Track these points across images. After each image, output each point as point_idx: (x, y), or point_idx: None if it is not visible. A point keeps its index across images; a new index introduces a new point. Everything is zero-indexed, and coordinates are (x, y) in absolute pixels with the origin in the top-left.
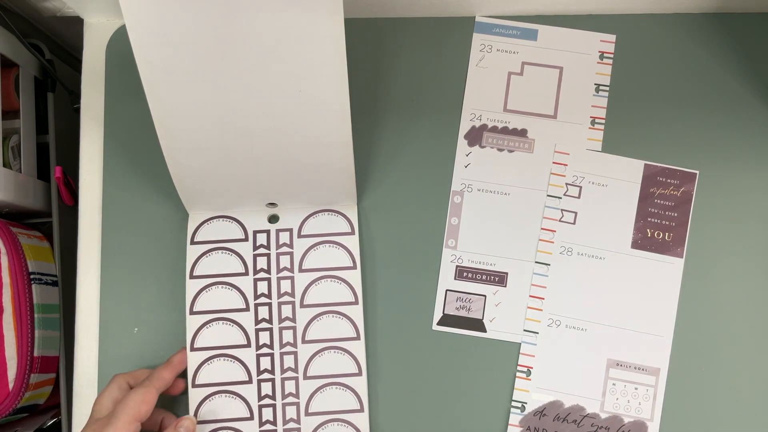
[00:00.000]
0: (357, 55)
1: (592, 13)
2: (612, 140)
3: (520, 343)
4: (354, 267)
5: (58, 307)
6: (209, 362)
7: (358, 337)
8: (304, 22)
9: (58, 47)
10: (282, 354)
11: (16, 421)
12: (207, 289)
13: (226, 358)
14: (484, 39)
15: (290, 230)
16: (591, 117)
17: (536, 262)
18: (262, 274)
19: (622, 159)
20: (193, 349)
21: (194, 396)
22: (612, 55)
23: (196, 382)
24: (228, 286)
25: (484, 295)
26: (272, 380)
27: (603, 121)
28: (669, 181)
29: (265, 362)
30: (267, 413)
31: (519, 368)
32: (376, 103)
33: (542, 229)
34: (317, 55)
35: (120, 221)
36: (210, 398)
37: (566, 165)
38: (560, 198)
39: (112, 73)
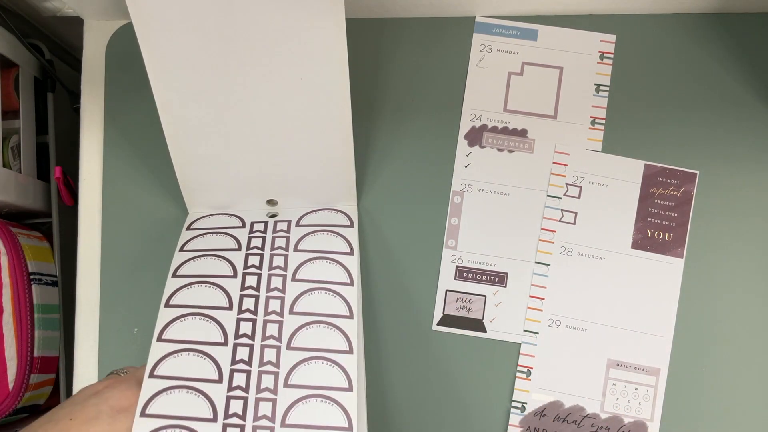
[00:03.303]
0: (357, 55)
1: (592, 13)
2: (612, 140)
3: (520, 344)
4: (351, 253)
5: (58, 308)
6: (182, 319)
7: (351, 316)
8: (306, 11)
9: (58, 47)
10: (266, 321)
11: (16, 422)
12: (195, 259)
13: (203, 318)
14: (484, 39)
15: (289, 221)
16: (591, 117)
17: (536, 262)
18: (255, 251)
19: (622, 159)
20: (167, 305)
21: (156, 351)
22: (612, 55)
23: (163, 337)
24: (218, 258)
25: (484, 296)
26: (251, 346)
27: (603, 121)
28: (669, 181)
29: (246, 327)
30: (239, 378)
31: (519, 368)
32: (376, 104)
33: (542, 229)
34: (318, 43)
35: (120, 221)
36: (175, 354)
37: (566, 165)
38: (560, 198)
39: (112, 73)
